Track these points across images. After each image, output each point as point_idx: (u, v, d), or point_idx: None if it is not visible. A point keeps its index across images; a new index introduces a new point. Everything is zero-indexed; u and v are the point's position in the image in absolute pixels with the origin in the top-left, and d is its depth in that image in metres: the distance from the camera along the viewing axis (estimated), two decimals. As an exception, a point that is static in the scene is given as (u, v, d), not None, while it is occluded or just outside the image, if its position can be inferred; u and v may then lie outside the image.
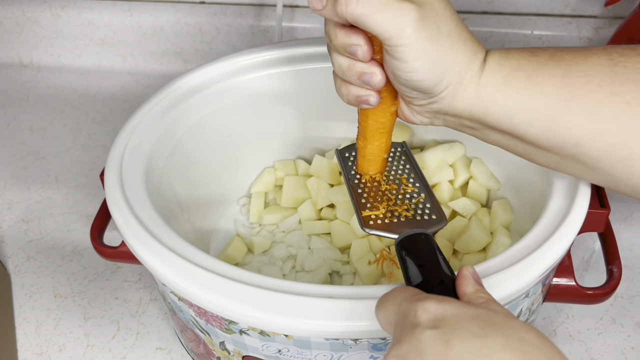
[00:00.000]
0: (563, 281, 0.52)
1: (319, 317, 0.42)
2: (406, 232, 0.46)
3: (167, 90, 0.63)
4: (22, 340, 0.66)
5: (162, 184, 0.59)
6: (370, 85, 0.44)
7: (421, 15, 0.39)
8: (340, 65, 0.44)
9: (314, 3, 0.42)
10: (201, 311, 0.48)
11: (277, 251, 0.69)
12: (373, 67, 0.43)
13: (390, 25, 0.39)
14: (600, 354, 0.61)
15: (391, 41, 0.40)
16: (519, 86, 0.41)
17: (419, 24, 0.39)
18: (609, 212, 0.53)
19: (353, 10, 0.39)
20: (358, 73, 0.43)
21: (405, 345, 0.33)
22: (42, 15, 1.01)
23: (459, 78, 0.42)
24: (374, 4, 0.39)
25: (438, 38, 0.40)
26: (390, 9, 0.39)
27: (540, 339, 0.32)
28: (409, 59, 0.40)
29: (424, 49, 0.40)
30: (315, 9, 0.42)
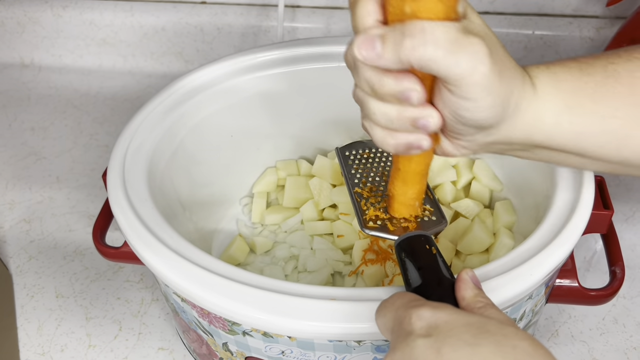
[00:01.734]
0: (566, 282, 0.52)
1: (323, 319, 0.42)
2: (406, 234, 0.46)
3: (169, 91, 0.63)
4: (24, 340, 0.66)
5: (164, 184, 0.59)
6: (427, 129, 0.39)
7: (489, 50, 0.35)
8: (387, 114, 0.38)
9: (364, 52, 0.36)
10: (204, 312, 0.48)
11: (279, 251, 0.69)
12: (427, 109, 0.38)
13: (465, 64, 0.35)
14: (602, 354, 0.61)
15: (463, 82, 0.35)
16: (586, 111, 0.39)
17: (490, 60, 0.35)
18: (612, 214, 0.53)
19: (422, 54, 0.34)
20: (412, 119, 0.38)
21: (398, 352, 0.33)
22: (43, 16, 1.01)
23: (517, 107, 0.39)
24: (444, 43, 0.34)
25: (502, 72, 0.37)
26: (463, 48, 0.34)
27: (533, 346, 0.32)
28: (479, 98, 0.36)
29: (494, 86, 0.36)
30: (368, 59, 0.36)
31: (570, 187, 0.51)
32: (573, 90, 0.39)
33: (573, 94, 0.39)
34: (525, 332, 0.33)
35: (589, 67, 0.39)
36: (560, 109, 0.39)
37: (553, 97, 0.39)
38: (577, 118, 0.39)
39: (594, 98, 0.39)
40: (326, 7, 0.95)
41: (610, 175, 0.45)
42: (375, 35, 0.35)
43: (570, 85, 0.39)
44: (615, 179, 0.79)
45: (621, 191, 0.78)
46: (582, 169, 0.45)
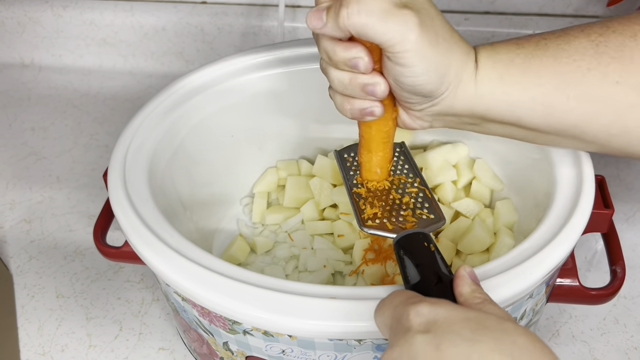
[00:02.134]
0: (567, 282, 0.52)
1: (323, 318, 0.42)
2: (404, 232, 0.46)
3: (170, 91, 0.63)
4: (24, 340, 0.65)
5: (165, 183, 0.59)
6: (375, 95, 0.44)
7: (420, 20, 0.40)
8: (341, 80, 0.44)
9: (313, 22, 0.42)
10: (205, 311, 0.48)
11: (280, 251, 0.69)
12: (375, 77, 0.43)
13: (395, 32, 0.39)
14: (603, 354, 0.61)
15: (395, 48, 0.40)
16: (515, 80, 0.43)
17: (420, 29, 0.40)
18: (612, 213, 0.53)
19: (356, 21, 0.39)
20: (361, 85, 0.43)
21: (397, 349, 0.34)
22: (43, 15, 1.01)
23: (457, 78, 0.43)
24: (376, 12, 0.39)
25: (436, 41, 0.41)
26: (393, 17, 0.39)
27: (532, 342, 0.32)
28: (412, 64, 0.41)
29: (426, 53, 0.40)
30: (315, 28, 0.42)
31: (571, 186, 0.51)
32: (506, 62, 0.43)
33: (506, 66, 0.43)
34: (524, 327, 0.33)
35: (525, 42, 0.44)
36: (495, 80, 0.43)
37: (490, 70, 0.43)
38: (508, 87, 0.43)
39: (522, 68, 0.43)
40: (326, 7, 0.95)
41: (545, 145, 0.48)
42: (322, 7, 0.41)
43: (504, 57, 0.43)
44: (616, 179, 0.79)
45: (622, 191, 0.77)
46: (527, 141, 0.48)
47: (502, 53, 0.43)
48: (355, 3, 0.39)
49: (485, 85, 0.43)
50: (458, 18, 0.92)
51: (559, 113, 0.43)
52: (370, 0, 0.39)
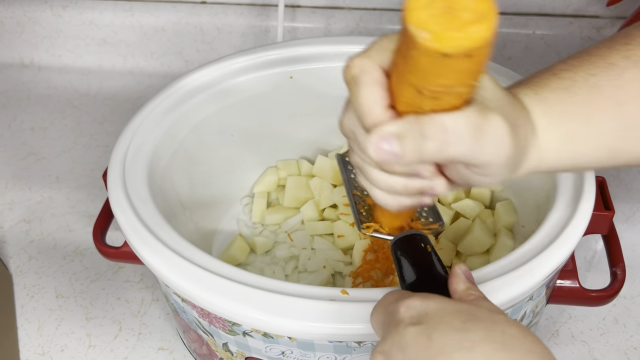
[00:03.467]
0: (567, 283, 0.52)
1: (323, 320, 0.42)
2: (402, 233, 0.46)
3: (170, 90, 0.63)
4: (24, 340, 0.65)
5: (164, 183, 0.59)
6: (433, 195, 0.38)
7: (509, 125, 0.34)
8: (392, 185, 0.37)
9: (382, 155, 0.33)
10: (204, 312, 0.48)
11: (280, 251, 0.68)
12: (435, 180, 0.37)
13: (490, 152, 0.34)
14: (602, 354, 0.61)
15: (487, 165, 0.34)
16: (581, 136, 0.39)
17: (511, 139, 0.34)
18: (613, 215, 0.53)
19: (447, 155, 0.33)
20: (418, 190, 0.37)
21: (389, 341, 0.34)
22: (43, 15, 1.01)
23: (524, 155, 0.38)
24: (468, 137, 0.32)
25: (518, 136, 0.35)
26: (485, 134, 0.33)
27: (522, 332, 0.32)
28: (499, 174, 0.36)
29: (514, 158, 0.36)
30: (388, 162, 0.34)
31: (571, 188, 0.51)
32: (565, 117, 0.39)
33: (566, 122, 0.39)
34: (515, 320, 0.34)
35: (573, 85, 0.39)
36: (558, 142, 0.39)
37: (550, 133, 0.38)
38: (573, 145, 0.39)
39: (584, 120, 0.39)
40: (326, 7, 0.95)
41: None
42: (392, 135, 0.33)
43: (561, 111, 0.39)
44: (616, 179, 0.79)
45: (622, 191, 0.77)
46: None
47: (556, 106, 0.38)
48: (441, 133, 0.32)
49: (550, 151, 0.39)
50: (458, 18, 0.91)
51: (626, 154, 0.40)
52: (456, 123, 0.32)
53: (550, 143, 0.38)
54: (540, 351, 0.32)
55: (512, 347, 0.31)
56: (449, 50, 0.27)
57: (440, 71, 0.29)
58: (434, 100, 0.31)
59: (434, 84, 0.30)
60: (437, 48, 0.27)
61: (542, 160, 0.39)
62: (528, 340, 0.32)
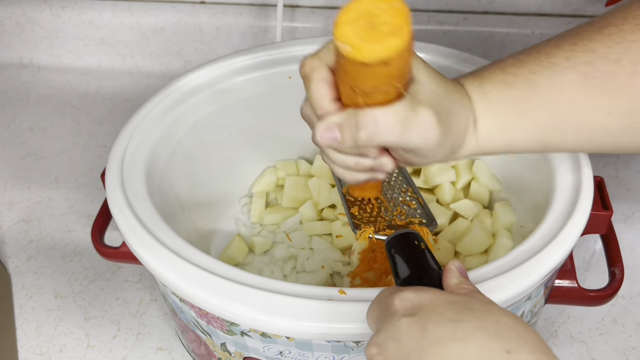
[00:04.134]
0: (565, 283, 0.52)
1: (321, 319, 0.42)
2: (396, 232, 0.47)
3: (168, 90, 0.63)
4: (22, 340, 0.65)
5: (163, 183, 0.59)
6: (383, 172, 0.44)
7: (436, 113, 0.39)
8: (346, 163, 0.42)
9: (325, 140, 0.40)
10: (202, 312, 0.48)
11: (278, 251, 0.68)
12: (382, 158, 0.42)
13: (417, 139, 0.39)
14: (601, 354, 0.61)
15: (416, 150, 0.40)
16: (514, 127, 0.43)
17: (438, 126, 0.39)
18: (611, 214, 0.53)
19: (378, 141, 0.38)
20: (368, 167, 0.43)
21: (383, 332, 0.34)
22: (42, 15, 1.01)
23: (463, 139, 0.43)
24: (396, 127, 0.38)
25: (450, 123, 0.40)
26: (413, 124, 0.38)
27: (515, 321, 0.33)
28: (430, 155, 0.41)
29: (444, 141, 0.40)
30: (330, 146, 0.40)
31: (569, 188, 0.51)
32: (502, 109, 0.43)
33: (503, 112, 0.43)
34: (508, 310, 0.34)
35: (514, 80, 0.43)
36: (495, 129, 0.43)
37: (488, 121, 0.43)
38: (508, 134, 0.43)
39: (519, 113, 0.43)
40: (325, 7, 0.95)
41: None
42: (334, 124, 0.39)
43: (499, 103, 0.43)
44: (614, 179, 0.79)
45: (620, 191, 0.77)
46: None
47: (495, 99, 0.43)
48: (372, 124, 0.37)
49: (486, 137, 0.43)
50: (457, 18, 0.91)
51: (556, 144, 0.44)
52: (385, 116, 0.37)
53: (486, 131, 0.43)
54: (533, 339, 0.32)
55: (506, 336, 0.31)
56: (367, 60, 0.33)
57: (364, 75, 0.35)
58: (366, 97, 0.37)
59: (362, 84, 0.36)
60: (357, 58, 0.33)
61: (480, 146, 0.44)
62: (521, 328, 0.32)
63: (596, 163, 0.80)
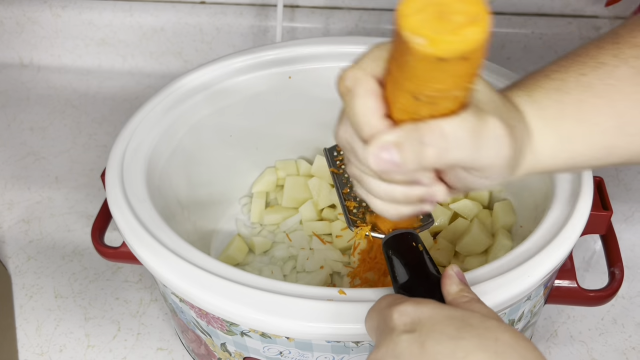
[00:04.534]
0: (565, 283, 0.52)
1: (321, 320, 0.42)
2: (393, 232, 0.46)
3: (168, 90, 0.63)
4: (22, 340, 0.65)
5: (163, 183, 0.59)
6: (434, 202, 0.38)
7: (507, 127, 0.34)
8: (391, 194, 0.37)
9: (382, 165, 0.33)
10: (202, 312, 0.48)
11: (278, 251, 0.68)
12: (435, 186, 0.37)
13: (490, 155, 0.34)
14: (601, 354, 0.61)
15: (487, 168, 0.34)
16: (575, 135, 0.39)
17: (510, 139, 0.34)
18: (611, 214, 0.53)
19: (448, 161, 0.32)
20: (418, 198, 0.37)
21: (383, 349, 0.34)
22: (42, 15, 1.01)
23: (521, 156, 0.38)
24: (467, 141, 0.32)
25: (515, 136, 0.35)
26: (484, 137, 0.33)
27: (515, 339, 0.32)
28: (498, 175, 0.36)
29: (512, 159, 0.36)
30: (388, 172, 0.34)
31: (569, 188, 0.51)
32: (559, 117, 0.39)
33: (560, 122, 0.39)
34: (507, 325, 0.34)
35: (565, 85, 0.39)
36: (553, 143, 0.39)
37: (545, 134, 0.39)
38: (569, 144, 0.39)
39: (577, 119, 0.39)
40: (325, 7, 0.95)
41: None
42: (390, 144, 0.33)
43: (554, 112, 0.39)
44: (614, 179, 0.79)
45: (620, 191, 0.77)
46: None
47: (548, 107, 0.38)
48: (440, 139, 0.32)
49: (546, 151, 0.39)
50: (457, 18, 0.91)
51: (621, 150, 0.40)
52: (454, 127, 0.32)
53: (545, 144, 0.38)
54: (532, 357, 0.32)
55: (506, 355, 0.31)
56: (445, 55, 0.27)
57: (437, 76, 0.29)
58: (431, 106, 0.31)
59: (430, 89, 0.30)
60: (433, 53, 0.27)
61: (539, 161, 0.39)
62: (521, 346, 0.32)
63: (596, 163, 0.80)
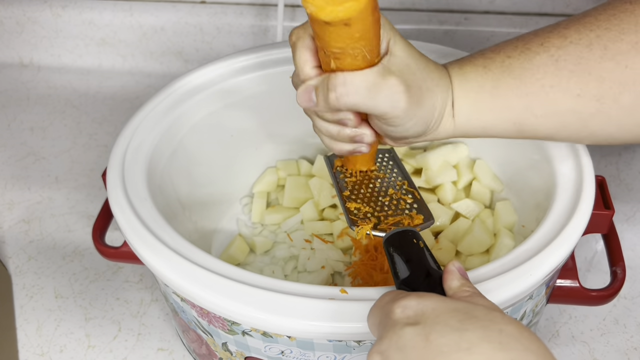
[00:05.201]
0: (567, 283, 0.52)
1: (322, 319, 0.42)
2: (394, 230, 0.46)
3: (169, 90, 0.63)
4: (22, 340, 0.65)
5: (164, 183, 0.59)
6: (363, 143, 0.47)
7: (406, 85, 0.41)
8: (329, 131, 0.47)
9: (303, 102, 0.44)
10: (204, 312, 0.48)
11: (279, 251, 0.68)
12: (362, 128, 0.46)
13: (385, 105, 0.41)
14: (603, 354, 0.61)
15: (386, 116, 0.42)
16: (487, 107, 0.45)
17: (407, 94, 0.42)
18: (613, 214, 0.53)
19: (346, 102, 0.41)
20: (349, 137, 0.46)
21: (386, 341, 0.34)
22: (42, 15, 1.01)
23: (440, 117, 0.46)
24: (363, 90, 0.41)
25: (422, 96, 0.43)
26: (380, 90, 0.41)
27: (519, 330, 0.32)
28: (402, 123, 0.43)
29: (414, 112, 0.43)
30: (307, 107, 0.44)
31: (571, 187, 0.51)
32: (477, 90, 0.45)
33: (477, 93, 0.45)
34: (511, 317, 0.34)
35: (491, 63, 0.45)
36: (469, 109, 0.46)
37: (463, 100, 0.46)
38: (481, 114, 0.46)
39: (492, 94, 0.45)
40: (326, 7, 0.95)
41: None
42: (310, 87, 0.43)
43: (474, 84, 0.45)
44: (616, 179, 0.79)
45: (622, 191, 0.77)
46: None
47: (471, 80, 0.45)
48: (341, 85, 0.40)
49: (462, 116, 0.46)
50: (458, 18, 0.91)
51: (530, 128, 0.46)
52: (354, 78, 0.40)
53: (462, 111, 0.46)
54: (537, 348, 0.32)
55: (510, 346, 0.31)
56: (329, 19, 0.36)
57: (330, 36, 0.38)
58: (337, 60, 0.40)
59: (330, 46, 0.39)
60: (320, 17, 0.36)
61: (457, 126, 0.46)
62: (525, 337, 0.32)
63: (598, 162, 0.80)
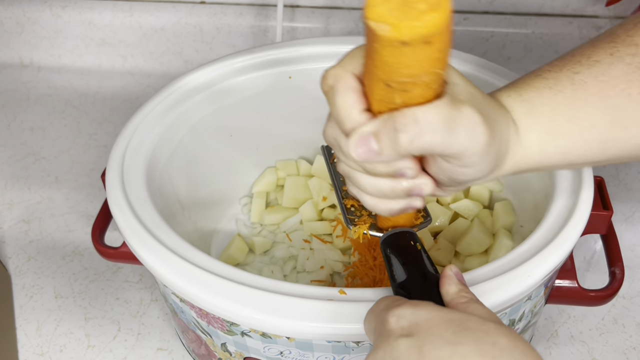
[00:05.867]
0: (565, 283, 0.52)
1: (321, 320, 0.42)
2: (391, 231, 0.46)
3: (168, 90, 0.63)
4: (22, 340, 0.65)
5: (163, 183, 0.59)
6: (421, 195, 0.39)
7: (482, 115, 0.35)
8: (379, 188, 0.38)
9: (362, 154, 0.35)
10: (203, 313, 0.48)
11: (278, 251, 0.68)
12: (421, 179, 0.38)
13: (465, 141, 0.35)
14: (601, 354, 0.61)
15: (465, 154, 0.35)
16: (566, 130, 0.39)
17: (485, 126, 0.35)
18: (611, 214, 0.53)
19: (421, 145, 0.34)
20: (406, 190, 0.38)
21: (380, 352, 0.34)
22: (42, 16, 1.01)
23: (506, 150, 0.39)
24: (440, 127, 0.33)
25: (493, 126, 0.36)
26: (458, 124, 0.34)
27: (513, 342, 0.32)
28: (478, 162, 0.36)
29: (492, 147, 0.36)
30: (368, 160, 0.35)
31: (570, 188, 0.51)
32: (550, 114, 0.39)
33: (551, 118, 0.39)
34: (506, 327, 0.34)
35: (557, 83, 0.40)
36: (543, 138, 0.39)
37: (534, 129, 0.39)
38: (560, 141, 0.40)
39: (569, 116, 0.39)
40: (325, 7, 0.95)
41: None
42: (369, 134, 0.35)
43: (545, 109, 0.39)
44: (615, 179, 0.79)
45: (621, 191, 0.77)
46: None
47: (539, 105, 0.39)
48: (413, 124, 0.33)
49: (534, 148, 0.40)
50: (457, 18, 0.91)
51: (617, 143, 0.40)
52: (426, 113, 0.33)
53: (534, 139, 0.39)
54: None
55: (503, 359, 0.31)
56: (407, 38, 0.30)
57: (403, 60, 0.31)
58: (404, 93, 0.33)
59: (399, 74, 0.32)
60: (396, 37, 0.30)
61: (529, 156, 0.40)
62: (519, 350, 0.32)
63: (596, 163, 0.80)
